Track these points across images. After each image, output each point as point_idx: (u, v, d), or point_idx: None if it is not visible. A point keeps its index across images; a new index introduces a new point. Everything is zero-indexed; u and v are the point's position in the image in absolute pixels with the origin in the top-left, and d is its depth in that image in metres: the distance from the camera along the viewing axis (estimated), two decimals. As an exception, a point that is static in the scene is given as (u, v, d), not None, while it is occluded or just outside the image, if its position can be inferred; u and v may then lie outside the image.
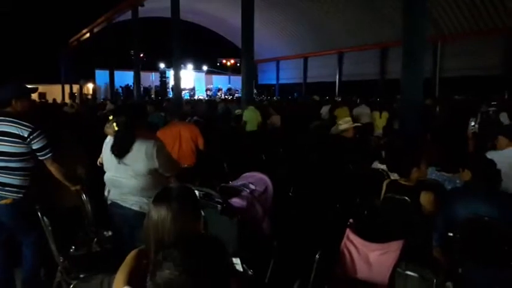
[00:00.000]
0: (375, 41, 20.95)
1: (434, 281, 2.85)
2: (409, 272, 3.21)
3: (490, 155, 3.35)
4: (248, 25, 11.69)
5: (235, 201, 3.06)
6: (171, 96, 24.45)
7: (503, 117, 6.41)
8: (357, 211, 3.51)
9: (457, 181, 3.52)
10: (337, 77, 24.41)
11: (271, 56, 28.39)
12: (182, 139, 4.83)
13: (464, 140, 6.03)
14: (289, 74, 28.56)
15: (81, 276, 2.78)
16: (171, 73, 23.01)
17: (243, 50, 12.02)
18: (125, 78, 27.46)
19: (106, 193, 3.44)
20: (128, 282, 1.52)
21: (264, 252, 3.19)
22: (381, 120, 8.79)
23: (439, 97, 16.89)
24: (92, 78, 29.64)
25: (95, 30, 27.36)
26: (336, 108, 9.60)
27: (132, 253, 1.66)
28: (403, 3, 8.55)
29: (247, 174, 3.38)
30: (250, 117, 8.20)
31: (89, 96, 27.94)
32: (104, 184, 3.04)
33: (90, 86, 29.78)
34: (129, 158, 2.74)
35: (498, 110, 6.84)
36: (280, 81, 29.77)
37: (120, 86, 28.06)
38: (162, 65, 29.86)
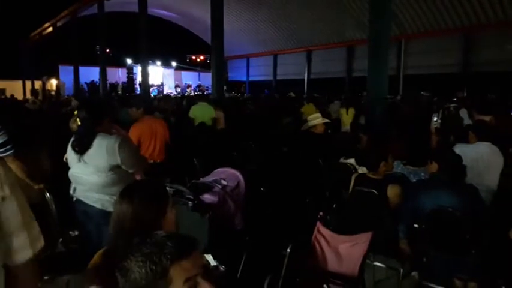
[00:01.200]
0: (342, 40, 21.35)
1: (401, 270, 2.96)
2: (376, 263, 3.31)
3: (459, 148, 3.51)
4: (218, 21, 11.62)
5: (207, 197, 3.04)
6: (138, 92, 23.96)
7: (463, 113, 6.69)
8: (327, 204, 3.57)
9: (422, 174, 3.65)
10: (306, 74, 24.70)
11: (241, 52, 28.36)
12: (158, 134, 4.75)
13: (427, 135, 6.25)
14: (259, 71, 28.64)
15: (46, 278, 2.69)
16: (138, 69, 22.52)
17: (213, 47, 11.93)
18: (90, 74, 26.64)
19: (71, 191, 3.34)
20: (95, 282, 1.48)
21: (236, 247, 3.20)
22: (347, 117, 8.97)
23: (403, 94, 17.46)
24: (55, 74, 28.54)
25: (58, 24, 26.34)
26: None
27: (100, 252, 1.62)
28: (369, 3, 8.76)
29: (219, 169, 3.37)
30: (198, 113, 7.92)
31: (53, 93, 26.90)
32: (69, 181, 2.95)
33: (53, 82, 28.65)
34: (90, 154, 2.68)
35: (458, 106, 7.15)
36: (251, 78, 29.81)
37: (85, 82, 27.22)
38: (129, 61, 29.17)
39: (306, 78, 24.74)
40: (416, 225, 2.87)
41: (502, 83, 17.56)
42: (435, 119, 6.35)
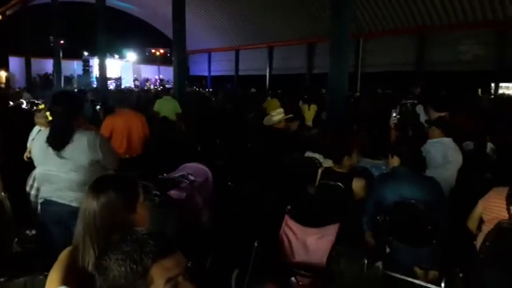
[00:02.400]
0: (303, 37, 21.63)
1: (365, 262, 3.05)
2: (342, 254, 3.39)
3: (428, 144, 3.65)
4: (179, 15, 11.40)
5: (174, 192, 3.00)
6: (95, 86, 23.08)
7: (419, 109, 6.99)
8: (294, 198, 3.62)
9: (383, 167, 3.78)
10: (268, 70, 24.83)
11: (202, 47, 28.04)
12: (133, 128, 4.59)
13: (387, 130, 6.47)
14: (221, 66, 28.47)
15: (1, 280, 2.54)
16: (95, 62, 21.69)
17: (174, 41, 11.70)
18: (43, 66, 25.35)
19: (28, 189, 3.18)
20: (64, 282, 1.41)
21: (203, 243, 3.17)
22: (309, 113, 9.12)
23: (362, 91, 18.01)
24: (5, 65, 26.92)
25: (8, 12, 24.80)
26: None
27: (67, 250, 1.55)
28: (329, 1, 8.94)
29: (186, 165, 3.32)
30: (162, 107, 7.79)
31: (2, 85, 25.36)
32: (24, 179, 2.80)
33: (2, 74, 27.00)
34: (69, 150, 2.56)
35: (415, 103, 7.46)
36: (212, 73, 29.57)
37: (38, 75, 25.87)
38: (85, 53, 28.02)
39: (267, 74, 24.86)
40: (379, 217, 2.98)
41: (453, 81, 18.54)
42: (394, 114, 6.59)
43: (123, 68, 29.95)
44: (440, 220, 2.72)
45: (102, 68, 16.56)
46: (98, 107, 10.46)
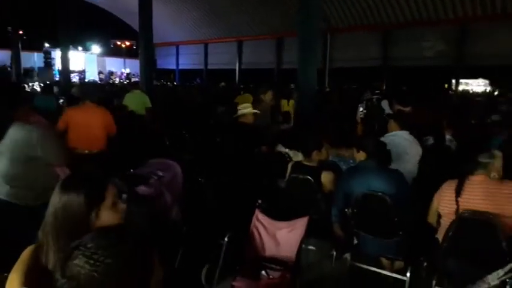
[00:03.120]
0: (272, 32, 21.66)
1: (334, 253, 3.11)
2: (311, 247, 3.45)
3: (385, 137, 3.74)
4: (146, 6, 11.14)
5: (142, 189, 2.92)
6: (57, 79, 22.21)
7: (384, 104, 7.20)
8: (265, 192, 3.64)
9: (351, 161, 3.86)
10: (237, 64, 24.73)
11: (170, 40, 27.54)
12: (94, 123, 4.42)
13: (354, 124, 6.62)
14: (190, 59, 28.08)
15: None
16: (57, 54, 20.85)
17: (140, 32, 11.44)
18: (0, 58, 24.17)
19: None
20: (25, 283, 1.35)
21: (173, 239, 3.13)
22: (288, 107, 9.15)
23: (330, 86, 18.29)
24: (-44, 56, 25.45)
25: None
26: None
27: (29, 249, 1.48)
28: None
29: (154, 160, 3.25)
30: (131, 101, 7.65)
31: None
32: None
33: (-46, 65, 25.49)
34: (5, 143, 2.47)
35: (380, 97, 7.67)
36: (181, 67, 29.12)
37: (-5, 67, 24.67)
38: (46, 45, 26.88)
39: (237, 69, 24.77)
40: (347, 210, 3.04)
41: (417, 77, 19.16)
42: (360, 109, 6.74)
43: (86, 60, 29.01)
44: (405, 212, 2.81)
45: (64, 60, 15.97)
46: (61, 100, 10.07)
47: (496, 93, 19.50)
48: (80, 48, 29.06)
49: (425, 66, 18.24)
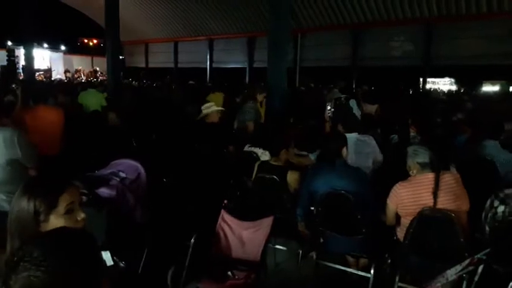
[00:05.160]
0: (243, 30, 21.62)
1: (300, 252, 3.12)
2: (278, 246, 3.45)
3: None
4: (113, 3, 10.86)
5: (103, 191, 2.84)
6: (22, 78, 21.36)
7: (352, 103, 7.31)
8: (231, 192, 3.61)
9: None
10: (208, 63, 24.54)
11: (139, 37, 26.97)
12: (47, 126, 4.25)
13: (322, 123, 6.68)
14: (160, 57, 27.60)
15: None
16: (21, 51, 20.05)
17: (107, 30, 11.13)
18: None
19: None
20: None
21: (137, 241, 3.05)
22: (262, 109, 9.12)
23: (300, 85, 18.42)
24: None
25: None
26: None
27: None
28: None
29: (117, 161, 3.16)
30: (87, 100, 7.48)
31: None
32: None
33: None
34: None
35: (348, 97, 7.79)
36: (150, 65, 28.58)
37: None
38: (9, 43, 25.76)
39: (208, 67, 24.57)
40: (312, 208, 3.06)
41: (385, 76, 19.59)
42: (328, 108, 6.82)
43: (52, 58, 28.04)
44: (368, 209, 2.85)
45: (28, 58, 15.38)
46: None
47: (461, 91, 20.26)
48: (45, 45, 28.04)
49: (393, 66, 18.67)
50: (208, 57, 24.39)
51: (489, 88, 23.33)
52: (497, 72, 21.08)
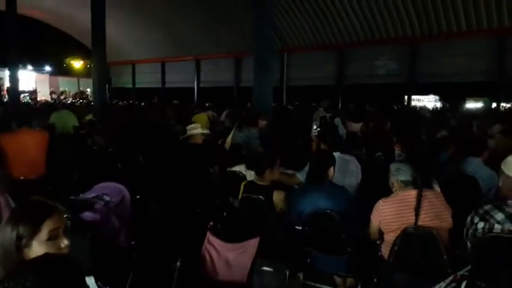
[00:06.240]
0: (229, 51, 21.87)
1: (287, 272, 3.10)
2: (264, 268, 3.42)
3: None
4: (99, 24, 10.94)
5: (87, 215, 2.81)
6: (6, 99, 21.15)
7: (337, 122, 7.43)
8: (217, 213, 3.59)
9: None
10: (196, 83, 24.68)
11: (126, 58, 27.06)
12: (29, 148, 4.21)
13: (308, 142, 6.72)
14: (147, 78, 27.67)
15: None
16: (6, 73, 19.92)
17: (94, 51, 11.19)
18: None
19: None
20: None
21: (121, 266, 3.00)
22: None
23: (287, 103, 18.61)
24: None
25: None
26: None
27: None
28: (253, 18, 9.20)
29: (101, 184, 3.13)
30: (58, 121, 7.50)
31: None
32: None
33: None
34: None
35: (333, 115, 7.92)
36: (137, 85, 28.61)
37: None
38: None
39: (195, 87, 24.70)
40: (299, 227, 3.06)
41: (371, 94, 19.92)
42: (314, 127, 6.89)
43: (38, 80, 27.90)
44: (353, 228, 2.87)
45: (13, 80, 15.30)
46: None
47: (445, 108, 20.65)
48: (30, 67, 27.92)
49: (378, 84, 19.02)
50: (195, 77, 24.54)
51: (472, 105, 23.84)
52: (480, 89, 21.60)
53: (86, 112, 10.35)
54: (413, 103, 19.62)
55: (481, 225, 2.27)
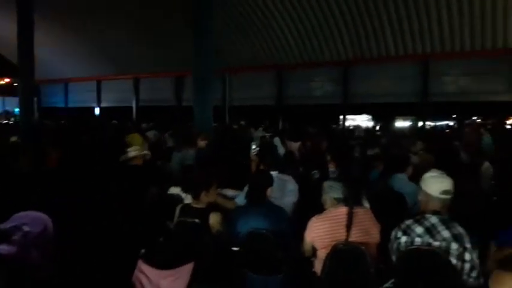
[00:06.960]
0: (170, 69, 21.61)
1: (223, 294, 3.04)
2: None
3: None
4: (27, 39, 10.34)
5: (3, 247, 2.55)
6: None
7: (276, 141, 7.57)
8: (151, 238, 3.45)
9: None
10: (134, 102, 23.99)
11: (58, 76, 25.68)
12: None
13: (247, 161, 6.76)
14: (81, 97, 26.41)
15: None
16: None
17: (20, 68, 10.50)
18: None
19: None
20: None
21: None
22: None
23: (229, 123, 18.70)
24: None
25: None
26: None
27: None
28: (192, 37, 9.20)
29: (21, 213, 2.87)
30: None
31: None
32: None
33: None
34: None
35: (273, 135, 8.08)
36: (71, 105, 27.17)
37: None
38: None
39: (134, 106, 23.99)
40: (235, 248, 3.03)
41: (308, 114, 20.61)
42: (253, 147, 6.95)
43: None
44: (289, 248, 2.89)
45: None
46: None
47: (377, 127, 21.94)
48: None
49: (315, 105, 19.77)
50: (134, 96, 23.88)
51: (401, 123, 25.58)
52: (408, 109, 23.24)
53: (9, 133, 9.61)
54: (347, 122, 20.62)
55: (403, 239, 2.39)
